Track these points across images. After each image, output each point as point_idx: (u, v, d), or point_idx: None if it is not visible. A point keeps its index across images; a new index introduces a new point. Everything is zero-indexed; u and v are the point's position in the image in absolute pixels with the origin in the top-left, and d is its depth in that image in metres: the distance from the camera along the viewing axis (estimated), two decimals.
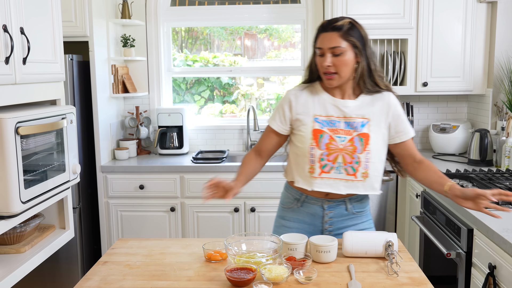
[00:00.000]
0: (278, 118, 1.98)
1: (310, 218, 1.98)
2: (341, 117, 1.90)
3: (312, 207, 1.96)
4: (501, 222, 1.99)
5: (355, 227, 1.97)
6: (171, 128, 3.84)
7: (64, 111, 2.23)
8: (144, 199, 3.47)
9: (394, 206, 3.38)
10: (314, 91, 1.96)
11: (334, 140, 1.87)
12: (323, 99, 1.93)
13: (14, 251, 2.06)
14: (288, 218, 2.02)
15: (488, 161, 3.16)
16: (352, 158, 1.86)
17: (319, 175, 1.88)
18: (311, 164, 1.88)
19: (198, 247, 1.86)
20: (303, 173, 1.91)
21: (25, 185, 1.90)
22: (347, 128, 1.89)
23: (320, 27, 1.90)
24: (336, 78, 1.87)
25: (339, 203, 1.95)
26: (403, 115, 1.96)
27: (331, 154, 1.87)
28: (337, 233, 1.96)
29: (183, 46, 4.20)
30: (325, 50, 1.85)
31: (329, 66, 1.84)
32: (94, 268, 1.70)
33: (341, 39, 1.84)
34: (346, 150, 1.86)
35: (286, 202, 2.04)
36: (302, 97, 1.95)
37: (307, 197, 1.96)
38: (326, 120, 1.90)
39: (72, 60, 3.21)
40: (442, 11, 3.44)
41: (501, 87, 3.39)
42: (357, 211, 1.98)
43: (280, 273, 1.52)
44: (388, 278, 1.59)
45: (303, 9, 3.88)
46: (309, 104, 1.93)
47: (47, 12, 2.17)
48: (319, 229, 1.97)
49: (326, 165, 1.87)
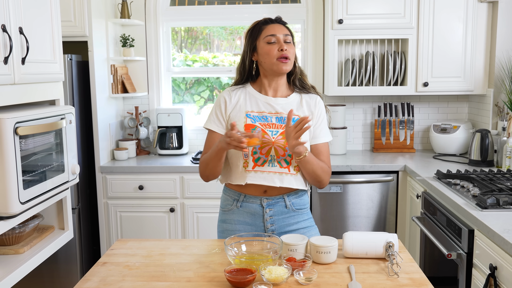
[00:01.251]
0: (213, 119, 2.01)
1: (251, 218, 1.99)
2: (273, 113, 1.97)
3: (251, 206, 1.98)
4: (502, 223, 1.99)
5: (297, 225, 2.00)
6: (171, 129, 3.83)
7: (63, 111, 2.22)
8: (143, 200, 3.46)
9: (394, 207, 3.37)
10: (246, 91, 2.02)
11: (266, 133, 1.92)
12: (255, 97, 2.00)
13: (13, 252, 2.05)
14: (229, 221, 2.03)
15: (489, 162, 3.15)
16: (284, 151, 1.92)
17: (253, 169, 1.92)
18: (245, 158, 1.93)
19: (198, 248, 1.86)
20: (237, 170, 1.95)
21: (24, 186, 1.90)
22: (278, 122, 1.95)
23: (264, 21, 2.00)
24: (289, 64, 1.96)
25: (277, 200, 1.97)
26: (325, 119, 2.04)
27: (264, 147, 1.91)
28: (280, 232, 1.97)
29: (183, 46, 4.20)
30: (279, 36, 1.94)
31: (286, 50, 1.92)
32: (93, 269, 1.69)
33: (288, 31, 1.99)
34: (278, 143, 1.92)
35: (225, 204, 2.05)
36: (234, 97, 2.01)
37: (245, 197, 1.98)
38: (258, 116, 1.96)
39: (71, 60, 3.21)
40: (443, 11, 3.43)
41: (502, 87, 3.38)
42: (297, 208, 2.01)
43: (280, 274, 1.52)
44: (388, 279, 1.58)
45: (303, 9, 3.88)
46: (241, 103, 1.99)
47: (46, 12, 2.17)
48: (261, 229, 1.98)
49: (260, 158, 1.92)
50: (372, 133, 3.96)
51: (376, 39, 3.61)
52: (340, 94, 3.63)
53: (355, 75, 3.60)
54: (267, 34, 1.95)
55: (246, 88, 2.03)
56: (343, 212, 3.37)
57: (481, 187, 2.48)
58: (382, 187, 3.34)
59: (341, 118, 3.74)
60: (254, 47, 1.99)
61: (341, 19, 3.47)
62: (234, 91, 2.02)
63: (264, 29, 1.97)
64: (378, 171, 3.33)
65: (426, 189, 2.87)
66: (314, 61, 3.88)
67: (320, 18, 3.82)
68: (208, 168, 1.96)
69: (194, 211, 3.45)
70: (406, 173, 3.30)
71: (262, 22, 2.00)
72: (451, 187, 2.60)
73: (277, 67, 1.94)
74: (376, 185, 3.34)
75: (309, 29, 3.85)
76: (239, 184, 1.96)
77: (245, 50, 2.02)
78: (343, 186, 3.33)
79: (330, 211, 3.37)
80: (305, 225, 2.02)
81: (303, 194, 2.04)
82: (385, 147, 3.84)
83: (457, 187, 2.59)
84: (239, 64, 2.06)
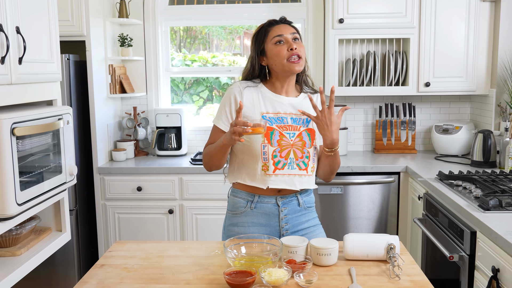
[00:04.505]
0: (224, 117, 1.95)
1: (265, 219, 1.95)
2: (288, 113, 1.93)
3: (266, 207, 1.95)
4: (504, 225, 1.98)
5: (307, 223, 2.00)
6: (169, 129, 3.81)
7: (60, 111, 2.22)
8: (142, 201, 3.44)
9: (396, 208, 3.36)
10: (259, 90, 1.96)
11: (284, 136, 1.90)
12: (269, 96, 1.95)
13: (10, 254, 2.05)
14: (241, 224, 1.96)
15: (492, 163, 3.14)
16: (302, 152, 1.91)
17: (274, 172, 1.90)
18: (264, 162, 1.89)
19: (197, 250, 1.85)
20: (255, 172, 1.91)
21: (21, 187, 1.90)
22: (294, 123, 1.92)
23: (269, 23, 1.96)
24: (301, 63, 1.91)
25: (291, 199, 1.96)
26: None
27: (283, 150, 1.90)
28: (293, 231, 1.96)
29: (182, 45, 4.18)
30: (286, 36, 1.89)
31: (296, 48, 1.87)
32: (91, 271, 1.69)
33: (294, 30, 1.95)
34: (297, 145, 1.90)
35: (237, 207, 1.98)
36: (247, 94, 1.93)
37: (260, 197, 1.94)
38: (274, 117, 1.92)
39: (69, 60, 3.19)
40: (445, 10, 3.42)
41: (505, 87, 3.36)
42: (308, 206, 2.00)
43: (280, 276, 1.51)
44: (390, 282, 1.57)
45: (303, 8, 3.86)
46: (255, 101, 1.93)
47: (44, 11, 2.16)
48: (276, 229, 1.95)
49: (280, 162, 1.90)
50: (373, 134, 3.95)
51: (377, 39, 3.59)
52: (341, 94, 3.61)
53: (356, 75, 3.58)
54: (274, 35, 1.90)
55: (258, 87, 1.96)
56: (344, 213, 3.35)
57: (484, 189, 2.47)
58: (383, 189, 3.32)
59: (342, 119, 3.72)
60: (262, 50, 1.93)
61: (341, 19, 3.45)
62: (246, 88, 1.94)
63: (270, 31, 1.92)
64: (379, 172, 3.31)
65: (427, 190, 2.85)
66: (314, 61, 3.86)
67: (321, 18, 3.81)
68: (211, 161, 1.95)
69: (193, 213, 3.43)
70: (407, 174, 3.28)
71: (266, 24, 1.95)
72: (453, 188, 2.58)
73: (289, 68, 1.88)
74: (377, 187, 3.32)
75: (309, 29, 3.83)
76: (260, 187, 1.91)
77: (253, 56, 1.96)
78: (344, 188, 3.31)
79: (331, 213, 3.35)
80: (313, 223, 2.02)
81: (311, 191, 2.04)
82: (386, 148, 3.82)
83: (459, 188, 2.58)
84: (246, 69, 1.99)
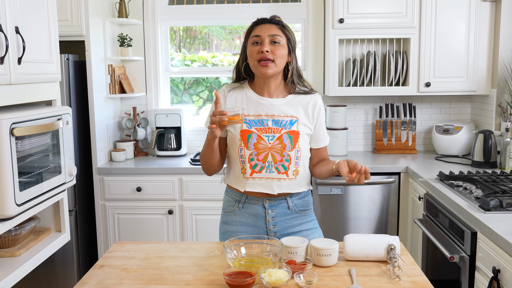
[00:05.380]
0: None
1: (253, 219, 1.97)
2: (269, 115, 1.93)
3: (253, 207, 1.96)
4: (505, 225, 1.97)
5: (300, 226, 1.99)
6: (169, 129, 3.81)
7: (60, 112, 2.22)
8: (141, 202, 3.44)
9: (396, 209, 3.35)
10: (243, 90, 1.98)
11: (262, 139, 1.90)
12: (252, 98, 1.96)
13: (9, 254, 2.04)
14: (231, 223, 2.01)
15: (492, 163, 3.13)
16: (282, 156, 1.90)
17: (251, 176, 1.91)
18: (242, 164, 1.92)
19: (196, 251, 1.85)
20: (236, 174, 1.95)
21: (20, 187, 1.89)
22: (275, 126, 1.92)
23: (255, 22, 1.95)
24: (272, 66, 1.88)
25: (280, 201, 1.96)
26: (324, 120, 2.03)
27: (261, 154, 1.90)
28: (282, 234, 1.96)
29: (181, 45, 4.17)
30: (263, 37, 1.88)
31: (267, 51, 1.86)
32: (91, 272, 1.68)
33: (279, 31, 1.91)
34: (275, 149, 1.90)
35: (227, 206, 2.04)
36: (231, 98, 1.97)
37: (247, 198, 1.97)
38: (255, 120, 1.93)
39: (68, 60, 3.19)
40: (445, 10, 3.41)
41: (506, 87, 3.36)
42: (300, 210, 1.99)
43: (280, 277, 1.50)
44: (390, 282, 1.57)
45: (303, 8, 3.85)
46: (238, 104, 1.95)
47: (43, 11, 2.16)
48: (264, 231, 1.97)
49: (257, 165, 1.91)
50: (373, 134, 3.94)
51: (378, 39, 3.58)
52: (341, 95, 3.61)
53: (356, 75, 3.58)
54: (253, 34, 1.92)
55: (243, 89, 1.99)
56: (344, 214, 3.34)
57: (484, 189, 2.46)
58: (383, 189, 3.32)
59: (342, 119, 3.72)
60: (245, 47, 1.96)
61: (342, 18, 3.44)
62: (230, 91, 1.99)
63: (252, 30, 1.93)
64: (380, 172, 3.30)
65: (428, 190, 2.84)
66: (314, 61, 3.85)
67: (321, 17, 3.80)
68: (205, 161, 1.97)
69: (193, 213, 3.43)
70: (408, 174, 3.28)
71: (255, 22, 1.96)
72: (453, 188, 2.57)
73: (257, 70, 1.90)
74: (377, 187, 3.31)
75: (309, 29, 3.82)
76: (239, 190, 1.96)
77: (241, 51, 2.00)
78: (344, 188, 3.31)
79: (331, 213, 3.34)
80: (308, 227, 2.00)
81: (306, 195, 2.02)
82: (387, 148, 3.81)
83: (459, 188, 2.57)
84: (236, 63, 2.04)
